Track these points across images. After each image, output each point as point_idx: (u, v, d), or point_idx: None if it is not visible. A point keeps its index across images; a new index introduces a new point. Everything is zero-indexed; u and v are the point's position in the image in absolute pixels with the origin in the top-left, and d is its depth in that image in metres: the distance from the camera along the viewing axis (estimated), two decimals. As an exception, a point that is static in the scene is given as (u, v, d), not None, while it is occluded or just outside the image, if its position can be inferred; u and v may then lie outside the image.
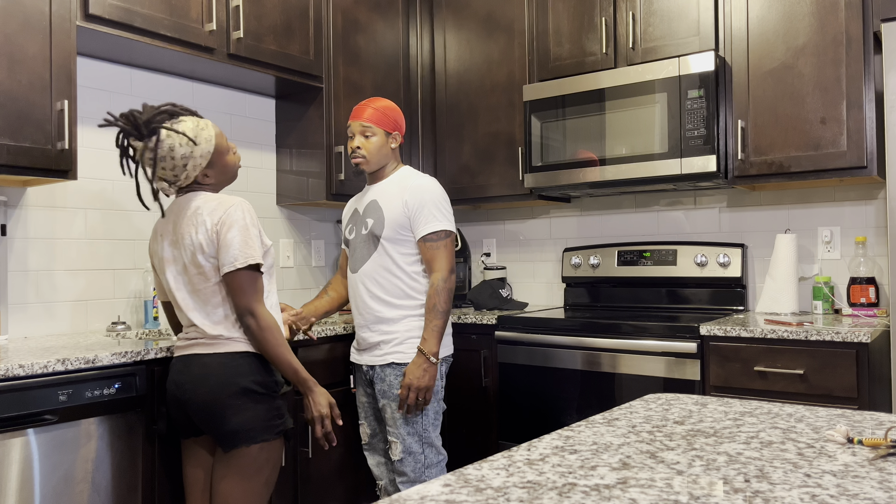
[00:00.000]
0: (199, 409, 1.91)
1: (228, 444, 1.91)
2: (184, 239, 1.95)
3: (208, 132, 1.98)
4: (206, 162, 1.98)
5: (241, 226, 1.92)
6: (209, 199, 1.96)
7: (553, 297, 3.59)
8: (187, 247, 1.94)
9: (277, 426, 1.95)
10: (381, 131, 2.42)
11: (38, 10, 2.21)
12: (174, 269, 1.98)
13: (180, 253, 1.97)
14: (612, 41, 3.01)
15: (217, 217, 1.92)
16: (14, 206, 2.49)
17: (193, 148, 1.95)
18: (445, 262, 2.35)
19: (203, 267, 1.93)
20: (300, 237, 3.47)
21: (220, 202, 1.95)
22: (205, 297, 1.95)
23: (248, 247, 1.91)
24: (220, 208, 1.93)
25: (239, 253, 1.90)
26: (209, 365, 1.92)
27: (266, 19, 2.86)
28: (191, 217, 1.95)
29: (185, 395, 1.93)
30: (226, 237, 1.90)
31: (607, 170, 2.91)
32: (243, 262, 1.90)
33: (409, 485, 2.35)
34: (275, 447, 1.97)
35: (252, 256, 1.91)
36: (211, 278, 1.94)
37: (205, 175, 2.00)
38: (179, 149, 1.93)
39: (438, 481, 0.86)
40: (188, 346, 1.98)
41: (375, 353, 2.41)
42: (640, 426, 1.12)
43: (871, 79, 2.50)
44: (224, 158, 2.04)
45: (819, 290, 2.80)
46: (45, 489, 1.89)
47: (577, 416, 2.73)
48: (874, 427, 1.09)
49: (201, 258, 1.93)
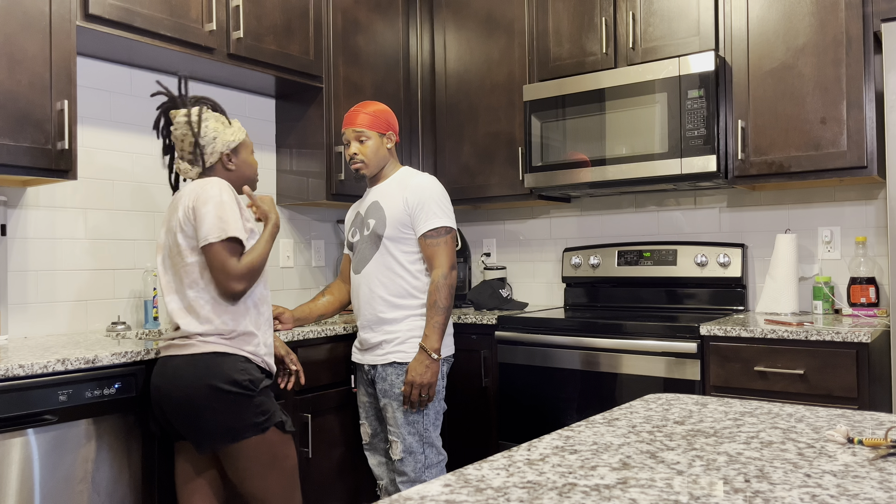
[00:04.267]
0: (174, 411, 1.92)
1: (203, 446, 1.90)
2: (170, 222, 2.01)
3: (239, 125, 2.14)
4: (233, 146, 2.08)
5: (216, 201, 1.93)
6: (195, 183, 2.00)
7: (553, 297, 3.59)
8: (172, 229, 1.99)
9: (262, 423, 1.94)
10: (375, 134, 2.45)
11: (38, 10, 2.21)
12: (162, 255, 2.04)
13: (166, 236, 2.02)
14: (612, 41, 3.01)
15: (195, 195, 1.95)
16: (14, 206, 2.49)
17: (227, 128, 2.07)
18: (446, 258, 2.36)
19: (181, 246, 1.96)
20: (300, 237, 3.47)
21: (202, 183, 1.98)
22: (180, 278, 1.98)
23: (222, 221, 1.91)
24: (198, 187, 1.96)
25: (212, 227, 1.90)
26: (180, 367, 1.92)
27: (266, 19, 2.86)
28: (177, 199, 2.01)
29: (161, 398, 1.94)
30: (200, 211, 1.92)
31: (607, 170, 2.91)
32: (218, 236, 1.90)
33: (409, 485, 2.35)
34: (276, 440, 1.97)
35: (228, 230, 1.90)
36: (187, 257, 1.95)
37: (228, 159, 2.07)
38: (213, 123, 2.05)
39: (439, 481, 0.86)
40: (165, 348, 2.00)
41: (377, 352, 2.41)
42: (640, 426, 1.12)
43: (871, 79, 2.50)
44: (248, 153, 2.15)
45: (819, 290, 2.80)
46: (44, 489, 1.89)
47: (577, 416, 2.73)
48: (874, 427, 1.09)
49: (180, 237, 1.96)
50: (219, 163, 2.07)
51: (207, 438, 1.89)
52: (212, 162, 2.06)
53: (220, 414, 1.89)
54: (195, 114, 2.03)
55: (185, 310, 1.96)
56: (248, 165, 2.14)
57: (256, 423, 1.93)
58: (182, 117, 2.04)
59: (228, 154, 2.08)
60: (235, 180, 2.11)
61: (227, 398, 1.90)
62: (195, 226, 1.93)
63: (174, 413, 1.92)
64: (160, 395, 1.94)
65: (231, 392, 1.90)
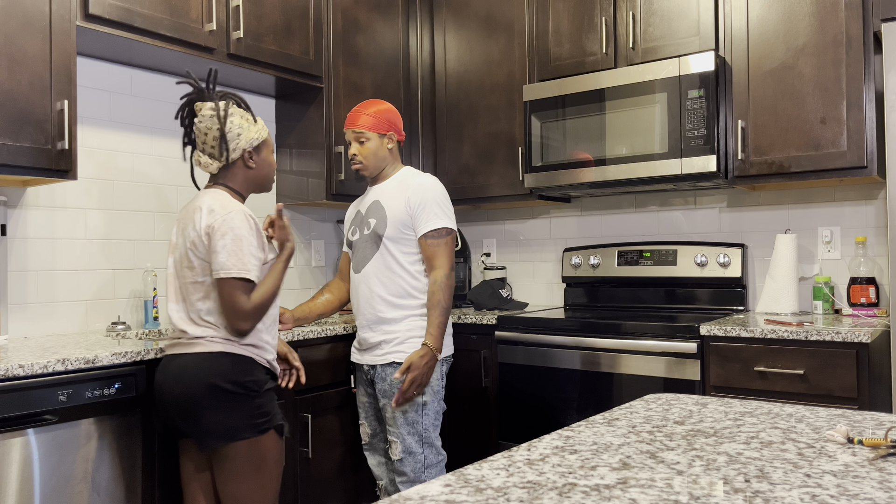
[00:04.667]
0: (176, 409, 1.92)
1: (204, 444, 1.91)
2: (185, 229, 2.00)
3: (263, 123, 2.13)
4: (256, 143, 2.07)
5: (234, 235, 1.91)
6: (216, 198, 1.98)
7: (553, 297, 3.59)
8: (186, 238, 1.99)
9: (260, 424, 1.94)
10: (375, 135, 2.45)
11: (38, 10, 2.21)
12: (174, 257, 2.04)
13: (181, 242, 2.01)
14: (612, 41, 3.01)
15: (212, 220, 1.93)
16: (14, 206, 2.49)
17: (251, 125, 2.06)
18: (446, 259, 2.36)
19: (193, 262, 1.97)
20: (300, 237, 3.47)
21: (223, 205, 1.96)
22: (186, 291, 1.98)
23: (238, 259, 1.90)
24: (219, 211, 1.94)
25: (227, 261, 1.90)
26: (185, 365, 1.92)
27: (266, 19, 2.86)
28: (194, 210, 1.99)
29: (163, 396, 1.95)
30: (217, 242, 1.91)
31: (607, 170, 2.91)
32: (229, 272, 1.90)
33: (408, 485, 2.35)
34: (268, 443, 1.96)
35: (241, 269, 1.90)
36: (199, 275, 1.96)
37: (249, 156, 2.06)
38: (238, 119, 2.04)
39: (439, 481, 0.86)
40: (170, 346, 2.01)
41: (376, 352, 2.41)
42: (640, 426, 1.12)
43: (871, 79, 2.50)
44: (269, 152, 2.14)
45: (819, 290, 2.79)
46: (45, 489, 1.89)
47: (578, 416, 2.73)
48: (874, 427, 1.09)
49: (191, 254, 1.96)
50: (240, 160, 2.06)
51: (207, 436, 1.90)
52: (234, 158, 2.04)
53: (219, 412, 1.89)
54: (222, 108, 2.01)
55: (191, 320, 1.97)
56: (268, 164, 2.13)
57: (255, 424, 1.93)
58: (208, 110, 2.01)
59: (251, 152, 2.07)
60: (254, 178, 2.10)
61: (228, 397, 1.90)
62: (209, 250, 1.93)
63: (176, 410, 1.92)
64: (163, 393, 1.95)
65: (232, 392, 1.91)
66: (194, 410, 1.89)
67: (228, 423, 1.90)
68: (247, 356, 1.97)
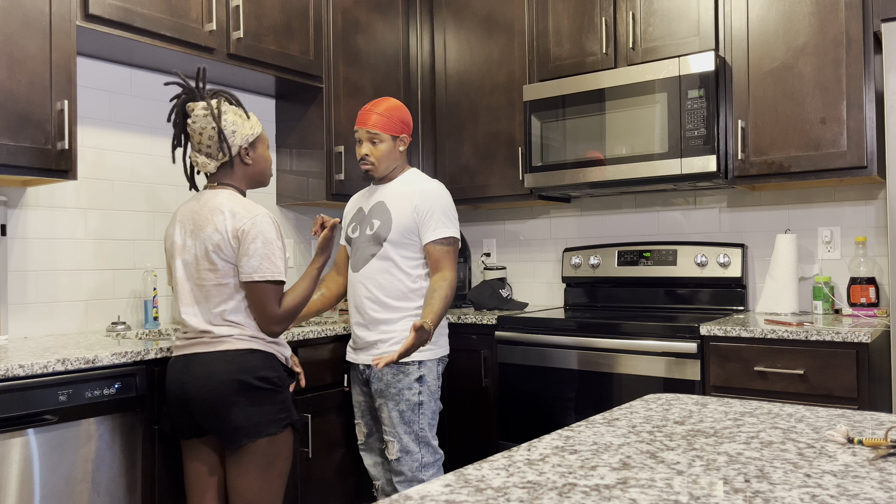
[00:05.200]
0: (202, 407, 1.91)
1: (233, 442, 1.91)
2: (202, 231, 1.97)
3: (256, 119, 2.13)
4: (252, 140, 2.07)
5: (265, 238, 1.94)
6: (235, 200, 1.98)
7: (553, 297, 3.59)
8: (203, 240, 1.96)
9: (283, 420, 1.97)
10: (389, 137, 2.42)
11: (38, 10, 2.21)
12: (184, 259, 2.01)
13: (194, 244, 1.99)
14: (612, 41, 3.01)
15: (241, 223, 1.94)
16: (14, 206, 2.49)
17: (245, 121, 2.06)
18: (451, 266, 2.37)
19: (216, 264, 1.95)
20: (300, 237, 3.47)
21: (246, 207, 1.97)
22: (207, 293, 1.96)
23: (270, 261, 1.94)
24: (246, 214, 1.95)
25: (260, 265, 1.92)
26: (211, 363, 1.92)
27: (266, 19, 2.86)
28: (212, 212, 1.98)
29: (187, 395, 1.93)
30: (248, 246, 1.92)
31: (607, 170, 2.91)
32: (263, 276, 1.92)
33: (406, 484, 2.35)
34: (284, 440, 1.98)
35: (275, 273, 1.94)
36: (223, 277, 1.95)
37: (246, 154, 2.06)
38: (232, 116, 2.03)
39: (439, 481, 0.86)
40: (188, 346, 1.98)
41: (372, 351, 2.40)
42: (640, 426, 1.12)
43: (871, 79, 2.50)
44: (265, 147, 2.14)
45: (819, 290, 2.80)
46: (45, 489, 1.89)
47: (577, 416, 2.73)
48: (874, 427, 1.09)
49: (215, 256, 1.95)
50: (237, 157, 2.06)
51: (236, 433, 1.90)
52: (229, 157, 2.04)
53: (248, 409, 1.91)
54: (215, 106, 2.01)
55: (212, 321, 1.97)
56: (265, 160, 2.13)
57: (279, 419, 1.96)
58: (201, 110, 2.01)
59: (246, 148, 2.07)
60: (252, 174, 2.11)
61: (256, 393, 1.92)
62: (238, 254, 1.94)
63: (202, 408, 1.92)
64: (186, 392, 1.94)
65: (260, 388, 1.93)
66: (224, 407, 1.90)
67: (256, 418, 1.92)
68: (270, 352, 2.00)
